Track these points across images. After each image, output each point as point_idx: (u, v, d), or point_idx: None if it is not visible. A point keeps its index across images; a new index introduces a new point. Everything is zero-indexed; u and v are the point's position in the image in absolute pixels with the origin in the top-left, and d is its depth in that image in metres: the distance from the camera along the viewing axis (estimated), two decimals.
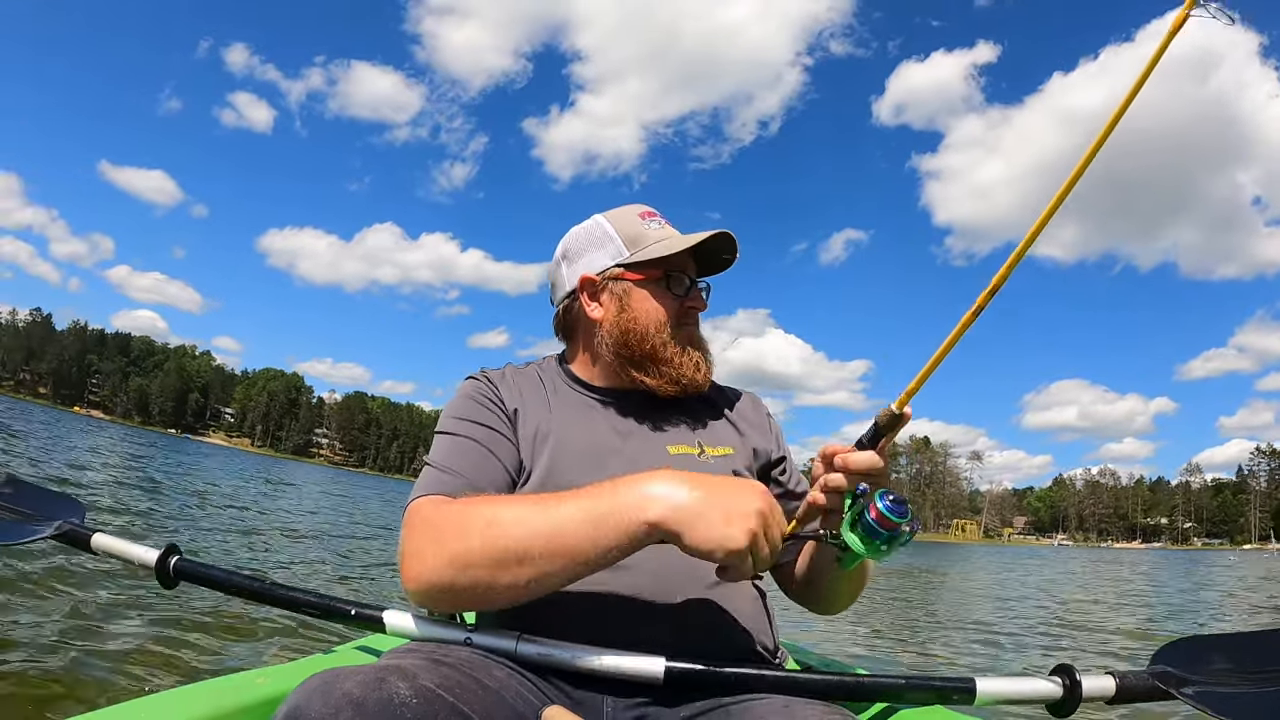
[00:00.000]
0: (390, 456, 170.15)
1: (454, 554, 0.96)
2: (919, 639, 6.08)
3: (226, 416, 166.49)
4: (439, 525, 1.00)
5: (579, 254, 1.33)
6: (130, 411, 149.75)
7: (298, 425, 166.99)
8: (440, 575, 0.96)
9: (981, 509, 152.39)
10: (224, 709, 1.04)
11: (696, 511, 0.92)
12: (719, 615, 1.12)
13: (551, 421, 1.24)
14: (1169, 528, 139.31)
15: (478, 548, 0.94)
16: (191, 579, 1.31)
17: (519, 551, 0.93)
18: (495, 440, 1.18)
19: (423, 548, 0.99)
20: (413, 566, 0.99)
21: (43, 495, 1.60)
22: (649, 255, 1.27)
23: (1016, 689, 1.07)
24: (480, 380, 1.28)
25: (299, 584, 1.70)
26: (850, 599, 1.28)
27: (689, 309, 1.31)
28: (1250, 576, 21.64)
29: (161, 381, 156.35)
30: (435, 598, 0.99)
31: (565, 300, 1.35)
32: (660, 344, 1.26)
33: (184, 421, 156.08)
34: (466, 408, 1.22)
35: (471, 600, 0.98)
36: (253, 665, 2.98)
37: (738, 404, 1.40)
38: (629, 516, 0.93)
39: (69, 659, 2.65)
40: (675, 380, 1.26)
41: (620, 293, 1.28)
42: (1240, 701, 1.03)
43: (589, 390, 1.32)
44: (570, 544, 0.93)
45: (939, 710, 1.19)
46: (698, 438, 1.28)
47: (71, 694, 2.35)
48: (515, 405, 1.24)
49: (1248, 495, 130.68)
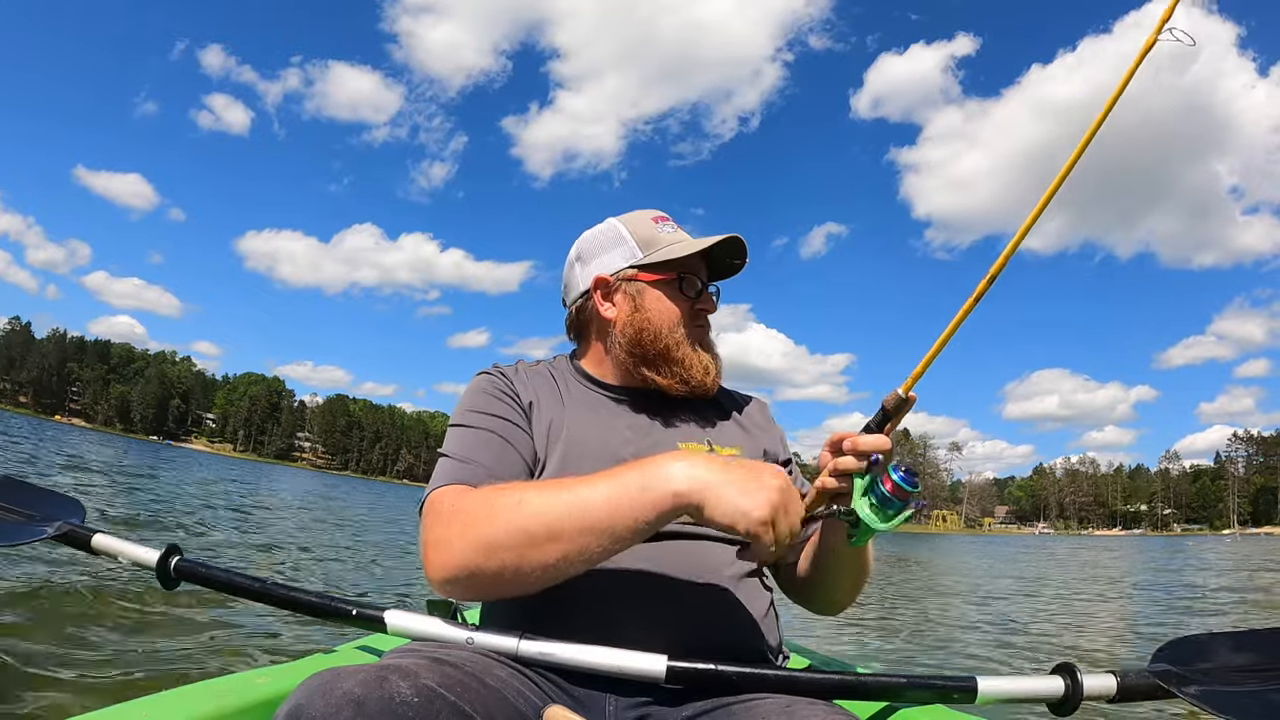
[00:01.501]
0: (373, 459, 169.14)
1: (481, 537, 0.97)
2: (916, 636, 6.07)
3: (208, 422, 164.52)
4: (465, 511, 1.01)
5: (593, 255, 1.34)
6: (112, 419, 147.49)
7: (280, 430, 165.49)
8: (468, 560, 0.97)
9: (962, 499, 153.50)
10: (224, 709, 1.03)
11: (719, 483, 0.94)
12: (722, 614, 1.13)
13: (565, 416, 1.25)
14: (1149, 514, 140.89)
15: (505, 529, 0.96)
16: (192, 579, 1.31)
17: (548, 529, 0.95)
18: (512, 432, 1.19)
19: (448, 535, 1.00)
20: (439, 554, 1.00)
21: (43, 496, 1.61)
22: (663, 257, 1.29)
23: (1018, 688, 1.08)
24: (495, 375, 1.30)
25: (299, 584, 1.70)
26: (851, 593, 1.28)
27: (700, 311, 1.33)
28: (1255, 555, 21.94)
29: (142, 388, 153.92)
30: (463, 583, 0.99)
31: (579, 300, 1.36)
32: (673, 343, 1.28)
33: (166, 428, 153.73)
34: (482, 401, 1.23)
35: (497, 584, 0.98)
36: (253, 665, 2.98)
37: (746, 407, 1.43)
38: (656, 489, 0.95)
39: (69, 659, 2.65)
40: (685, 381, 1.28)
41: (634, 293, 1.30)
42: (1243, 700, 1.03)
43: (601, 388, 1.33)
44: (599, 518, 0.94)
45: (940, 709, 1.19)
46: (707, 436, 1.30)
47: (71, 694, 2.35)
48: (530, 399, 1.26)
49: (1226, 481, 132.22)
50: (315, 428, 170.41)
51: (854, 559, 1.18)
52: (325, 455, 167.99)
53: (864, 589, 1.27)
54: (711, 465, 0.96)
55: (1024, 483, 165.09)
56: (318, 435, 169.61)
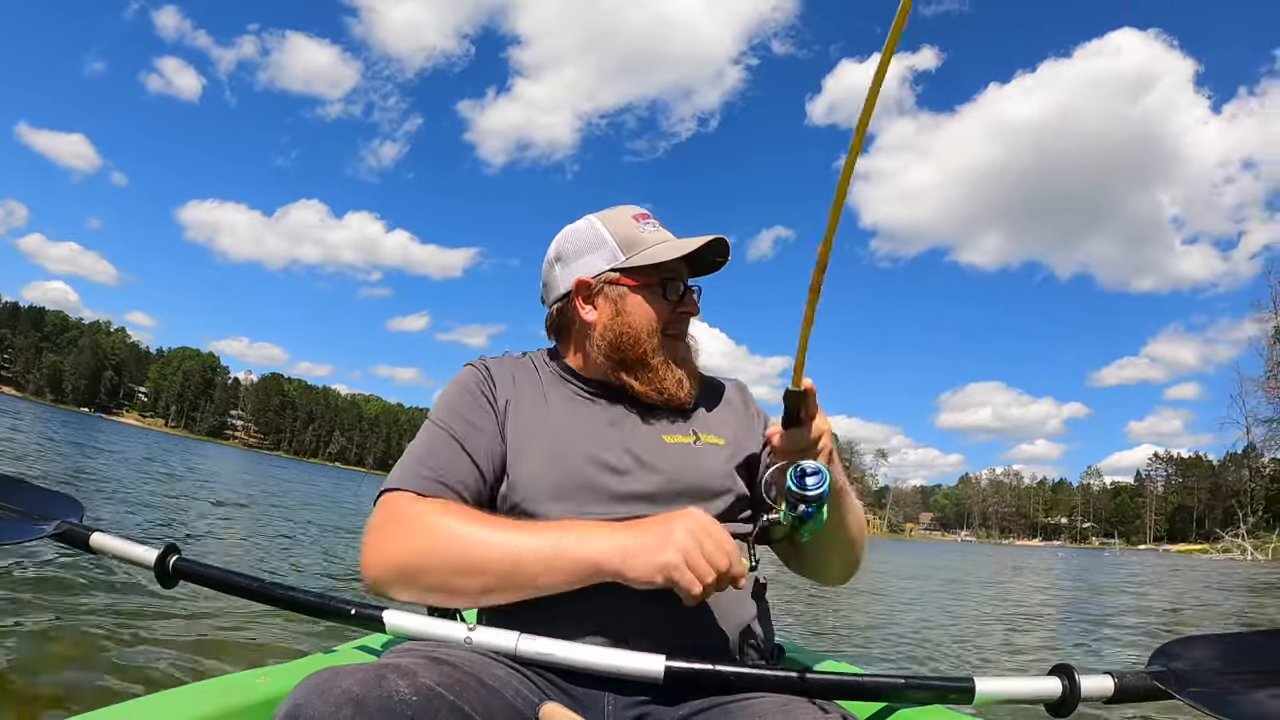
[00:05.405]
0: (305, 440, 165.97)
1: (414, 557, 1.05)
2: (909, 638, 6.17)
3: (140, 396, 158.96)
4: (407, 526, 1.08)
5: (573, 256, 1.33)
6: (43, 389, 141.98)
7: (213, 406, 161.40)
8: (396, 574, 1.06)
9: (886, 504, 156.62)
10: (224, 709, 1.03)
11: (630, 549, 1.01)
12: (719, 614, 1.13)
13: (547, 411, 1.25)
14: (1069, 527, 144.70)
15: (440, 557, 1.04)
16: (191, 578, 1.32)
17: (477, 568, 1.03)
18: (474, 437, 1.20)
19: (385, 542, 1.08)
20: (374, 557, 1.08)
21: (41, 494, 1.61)
22: (644, 260, 1.28)
23: (1015, 689, 1.08)
24: (478, 369, 1.30)
25: (297, 583, 1.64)
26: (845, 566, 1.30)
27: (682, 314, 1.32)
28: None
29: (75, 358, 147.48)
30: (389, 590, 1.07)
31: (559, 302, 1.35)
32: (651, 350, 1.27)
33: (98, 400, 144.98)
34: (456, 401, 1.25)
35: (421, 599, 1.08)
36: (252, 665, 2.89)
37: (725, 392, 1.42)
38: (581, 559, 1.02)
39: (68, 659, 2.64)
40: (659, 390, 1.27)
41: (615, 297, 1.29)
42: (1240, 701, 1.04)
43: (584, 383, 1.32)
44: (527, 574, 1.03)
45: (938, 710, 1.19)
46: (692, 426, 1.30)
47: (71, 694, 2.34)
48: (508, 396, 1.26)
49: (1144, 499, 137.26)
50: (249, 406, 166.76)
51: (830, 538, 1.19)
52: (258, 434, 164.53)
53: (862, 558, 1.31)
54: (625, 531, 1.03)
55: (949, 491, 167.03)
56: (251, 414, 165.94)
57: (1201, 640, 1.16)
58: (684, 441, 1.25)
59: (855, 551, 1.28)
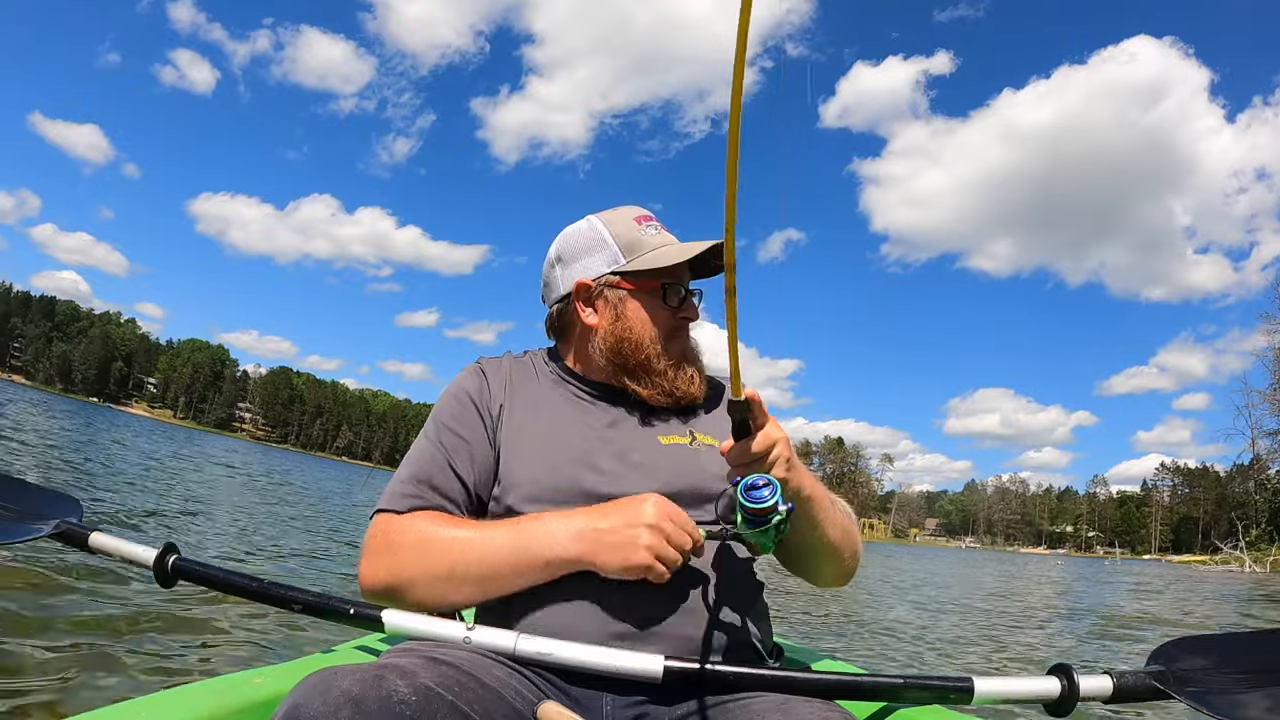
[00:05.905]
0: (313, 434, 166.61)
1: (400, 573, 1.11)
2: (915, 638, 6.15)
3: (149, 387, 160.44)
4: (390, 543, 1.14)
5: (574, 257, 1.32)
6: (53, 378, 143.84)
7: (221, 399, 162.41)
8: (386, 590, 1.13)
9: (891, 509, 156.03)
10: (224, 709, 1.03)
11: (596, 541, 1.05)
12: (717, 613, 1.13)
13: (543, 414, 1.25)
14: (1074, 535, 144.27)
15: (422, 571, 1.10)
16: (190, 578, 1.31)
17: (461, 578, 1.09)
18: (461, 450, 1.22)
19: (375, 563, 1.14)
20: (370, 572, 1.14)
21: (40, 493, 1.60)
22: (646, 265, 1.27)
23: (1014, 688, 1.08)
24: (476, 373, 1.31)
25: (297, 582, 1.64)
26: (837, 569, 1.29)
27: (683, 320, 1.31)
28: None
29: (85, 348, 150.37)
30: (382, 599, 1.14)
31: (559, 303, 1.34)
32: (655, 355, 1.26)
33: (107, 390, 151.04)
34: (449, 408, 1.26)
35: (414, 606, 1.13)
36: (252, 665, 2.94)
37: (725, 394, 1.38)
38: (545, 554, 1.06)
39: (68, 659, 2.62)
40: (669, 393, 1.27)
41: (616, 301, 1.28)
42: (1238, 702, 1.04)
43: (583, 384, 1.32)
44: (503, 575, 1.08)
45: (937, 709, 1.18)
46: (689, 427, 1.29)
47: (71, 694, 2.33)
48: (503, 400, 1.26)
49: (1150, 508, 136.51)
50: (257, 399, 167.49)
51: (808, 547, 1.21)
52: (265, 427, 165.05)
53: (856, 564, 1.31)
54: (589, 520, 1.07)
55: (955, 498, 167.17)
56: (259, 407, 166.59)
57: (1200, 640, 1.15)
58: (680, 443, 1.24)
59: (842, 558, 1.26)
